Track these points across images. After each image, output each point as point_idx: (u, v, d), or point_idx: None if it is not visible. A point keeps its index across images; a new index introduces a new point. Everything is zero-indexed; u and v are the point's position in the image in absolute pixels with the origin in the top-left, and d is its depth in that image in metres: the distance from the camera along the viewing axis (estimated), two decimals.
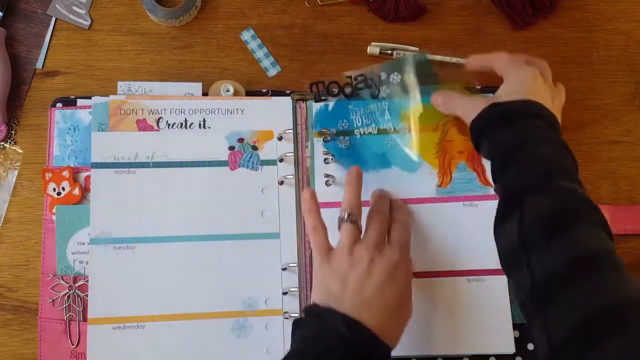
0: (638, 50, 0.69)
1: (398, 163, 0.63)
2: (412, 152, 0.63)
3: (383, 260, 0.51)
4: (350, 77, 0.64)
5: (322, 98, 0.64)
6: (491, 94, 0.60)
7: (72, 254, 0.61)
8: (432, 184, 0.62)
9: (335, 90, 0.64)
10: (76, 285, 0.60)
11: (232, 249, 0.61)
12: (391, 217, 0.57)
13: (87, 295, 0.59)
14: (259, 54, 0.68)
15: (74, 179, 0.62)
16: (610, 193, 0.65)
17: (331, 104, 0.64)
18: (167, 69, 0.68)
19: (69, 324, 0.60)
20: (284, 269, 0.61)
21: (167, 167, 0.62)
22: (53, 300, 0.60)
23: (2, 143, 0.65)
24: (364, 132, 0.64)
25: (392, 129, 0.63)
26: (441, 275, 0.60)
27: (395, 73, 0.64)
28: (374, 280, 0.50)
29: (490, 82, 0.64)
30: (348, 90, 0.64)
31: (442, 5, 0.70)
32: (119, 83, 0.65)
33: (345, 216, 0.53)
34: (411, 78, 0.63)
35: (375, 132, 0.64)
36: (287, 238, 0.61)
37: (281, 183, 0.63)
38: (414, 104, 0.63)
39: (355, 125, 0.64)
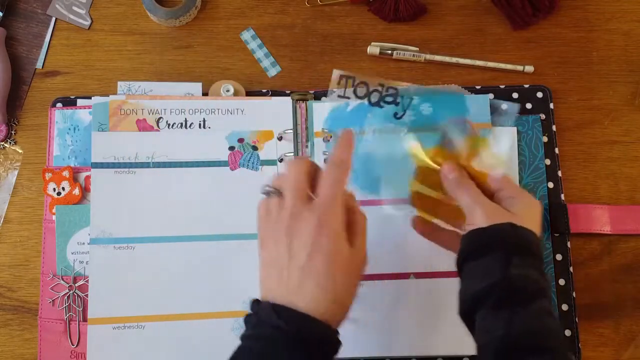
0: (638, 50, 0.69)
1: (388, 194, 0.60)
2: (408, 190, 0.55)
3: (299, 230, 0.44)
4: (382, 85, 0.59)
5: (343, 96, 0.60)
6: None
7: (72, 254, 0.61)
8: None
9: (362, 93, 0.59)
10: (76, 285, 0.60)
11: (232, 248, 0.61)
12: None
13: (87, 295, 0.59)
14: (259, 54, 0.68)
15: (74, 179, 0.62)
16: (610, 193, 0.65)
17: (352, 104, 0.61)
18: (167, 69, 0.68)
19: (69, 324, 0.60)
20: None
21: (167, 167, 0.62)
22: (53, 300, 0.60)
23: (2, 143, 0.65)
24: (369, 148, 0.59)
25: (399, 157, 0.56)
26: (441, 275, 0.60)
27: (429, 105, 0.60)
28: (295, 258, 0.43)
29: (488, 83, 0.64)
30: (375, 97, 0.60)
31: (441, 5, 0.70)
32: (119, 83, 0.65)
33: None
34: (455, 136, 0.54)
35: (382, 153, 0.59)
36: None
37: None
38: (433, 147, 0.54)
39: (365, 133, 0.60)
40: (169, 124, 0.63)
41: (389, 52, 0.67)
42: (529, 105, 0.65)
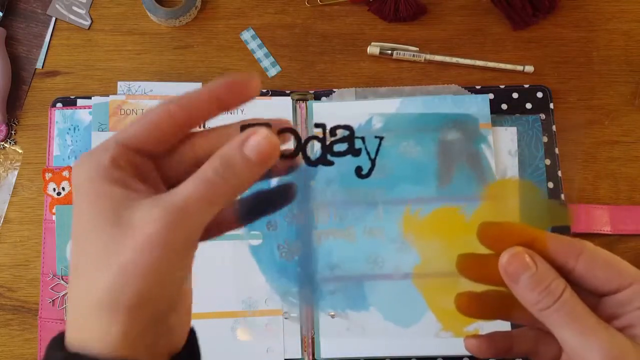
0: (638, 50, 0.69)
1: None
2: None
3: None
4: (322, 126, 0.31)
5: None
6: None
7: None
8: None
9: (286, 152, 0.31)
10: None
11: (232, 249, 0.61)
12: None
13: None
14: (259, 54, 0.68)
15: None
16: (610, 193, 0.65)
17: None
18: (167, 69, 0.68)
19: None
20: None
21: None
22: (53, 300, 0.60)
23: (2, 143, 0.65)
24: (325, 236, 0.38)
25: (382, 238, 0.38)
26: (441, 276, 0.60)
27: (412, 142, 0.38)
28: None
29: (488, 83, 0.64)
30: (316, 149, 0.32)
31: (442, 5, 0.70)
32: (119, 83, 0.65)
33: None
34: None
35: (351, 239, 0.39)
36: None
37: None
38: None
39: (310, 220, 0.39)
40: None
41: (389, 52, 0.67)
42: (529, 105, 0.65)
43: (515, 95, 0.66)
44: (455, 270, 0.32)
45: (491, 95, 0.65)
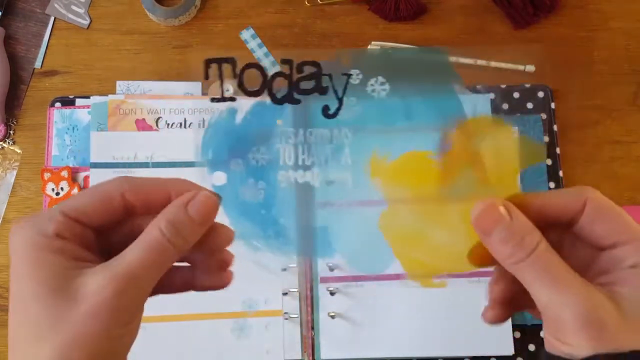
0: (639, 49, 0.68)
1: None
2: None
3: None
4: (289, 62, 0.31)
5: (221, 98, 0.34)
6: None
7: None
8: None
9: (255, 87, 0.32)
10: None
11: (232, 249, 0.60)
12: None
13: None
14: (259, 53, 0.68)
15: (73, 179, 0.62)
16: (611, 193, 0.64)
17: (242, 110, 0.35)
18: (167, 68, 0.67)
19: None
20: (284, 270, 0.60)
21: (166, 167, 0.62)
22: None
23: (1, 143, 0.65)
24: (288, 180, 0.35)
25: (350, 180, 0.35)
26: (441, 276, 0.60)
27: (380, 78, 0.34)
28: None
29: (489, 82, 0.64)
30: (281, 87, 0.32)
31: (442, 5, 0.69)
32: (118, 83, 0.65)
33: None
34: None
35: (316, 182, 0.35)
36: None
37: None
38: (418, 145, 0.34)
39: (275, 161, 0.35)
40: (168, 124, 0.63)
41: (389, 51, 0.67)
42: (530, 105, 0.65)
43: (516, 94, 0.65)
44: (421, 219, 0.32)
45: (492, 95, 0.64)
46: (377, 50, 0.47)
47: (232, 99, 0.34)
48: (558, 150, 0.64)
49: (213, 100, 0.34)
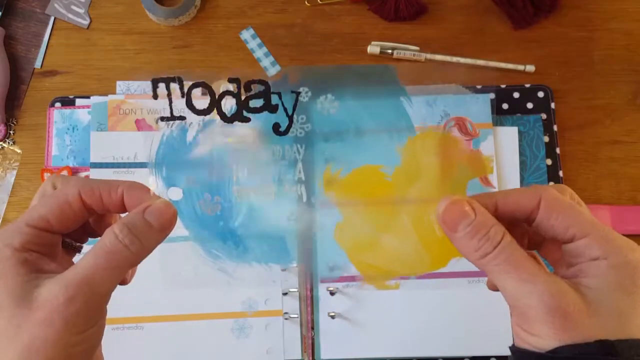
0: (639, 49, 0.68)
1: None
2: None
3: None
4: (237, 80, 0.31)
5: (169, 117, 0.35)
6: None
7: None
8: None
9: (204, 104, 0.31)
10: None
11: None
12: None
13: None
14: (259, 53, 0.68)
15: None
16: (611, 193, 0.64)
17: (192, 129, 0.36)
18: (167, 68, 0.67)
19: None
20: (284, 270, 0.60)
21: None
22: None
23: (1, 143, 0.65)
24: (245, 193, 0.35)
25: (303, 197, 0.35)
26: (441, 276, 0.60)
27: (329, 95, 0.34)
28: None
29: (489, 82, 0.64)
30: (229, 105, 0.32)
31: (442, 5, 0.69)
32: (118, 83, 0.65)
33: None
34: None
35: (271, 197, 0.36)
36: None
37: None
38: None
39: (229, 177, 0.35)
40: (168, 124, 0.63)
41: (390, 51, 0.67)
42: (530, 105, 0.65)
43: (516, 94, 0.65)
44: (375, 226, 0.34)
45: (492, 95, 0.64)
46: (324, 68, 0.47)
47: (182, 118, 0.35)
48: (558, 150, 0.64)
49: (162, 119, 0.35)
